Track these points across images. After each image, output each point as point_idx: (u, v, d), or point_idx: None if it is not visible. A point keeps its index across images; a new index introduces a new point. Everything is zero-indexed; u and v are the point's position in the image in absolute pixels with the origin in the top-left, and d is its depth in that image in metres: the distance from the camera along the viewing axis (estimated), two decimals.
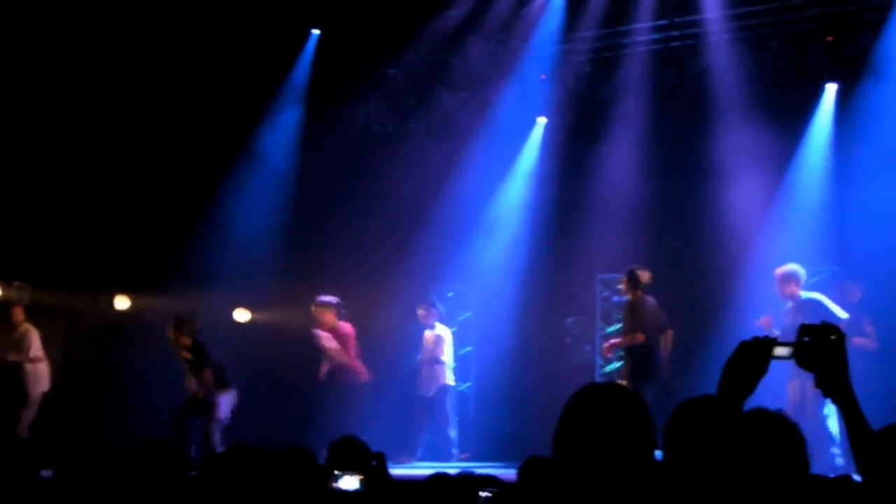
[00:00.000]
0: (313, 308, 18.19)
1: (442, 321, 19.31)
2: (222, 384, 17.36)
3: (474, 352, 20.78)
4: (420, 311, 19.25)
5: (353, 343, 18.15)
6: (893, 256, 16.50)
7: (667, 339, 16.55)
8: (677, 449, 4.62)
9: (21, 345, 18.15)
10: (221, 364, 17.43)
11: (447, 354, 19.16)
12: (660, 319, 16.60)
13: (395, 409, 19.06)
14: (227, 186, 19.96)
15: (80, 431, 17.39)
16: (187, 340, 17.32)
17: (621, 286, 16.94)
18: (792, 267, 15.46)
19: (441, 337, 19.15)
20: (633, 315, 16.53)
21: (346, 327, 18.14)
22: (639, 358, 16.48)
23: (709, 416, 4.61)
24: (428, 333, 19.20)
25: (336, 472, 7.12)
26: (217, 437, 17.14)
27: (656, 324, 16.55)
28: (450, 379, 19.15)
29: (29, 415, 17.94)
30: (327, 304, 18.15)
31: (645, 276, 16.61)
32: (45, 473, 7.22)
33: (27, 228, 18.75)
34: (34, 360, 18.08)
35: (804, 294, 15.31)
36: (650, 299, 16.65)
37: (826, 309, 14.88)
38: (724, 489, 4.21)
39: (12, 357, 18.10)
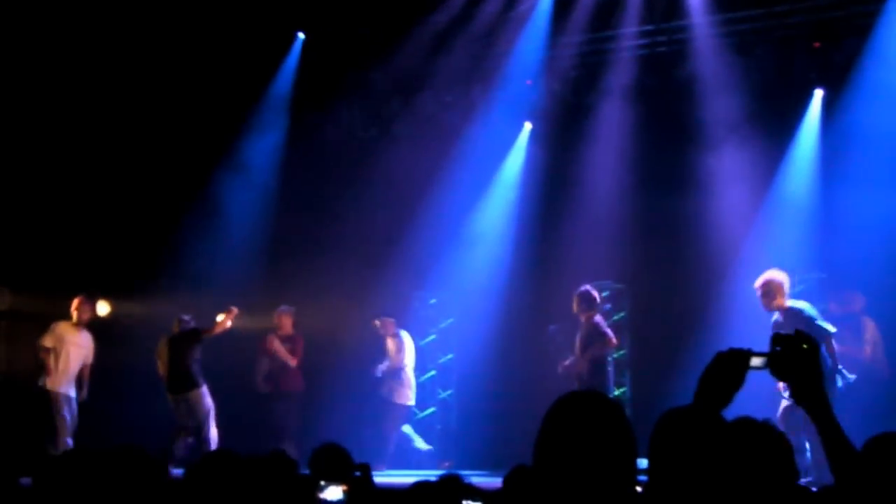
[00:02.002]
0: (276, 314, 18.57)
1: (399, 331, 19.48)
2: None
3: (456, 359, 20.73)
4: (376, 323, 19.36)
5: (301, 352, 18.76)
6: (879, 263, 16.51)
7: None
8: (663, 457, 4.59)
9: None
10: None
11: (409, 360, 19.35)
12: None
13: (373, 416, 19.16)
14: (210, 192, 19.92)
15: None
16: None
17: (576, 308, 16.90)
18: (771, 276, 15.11)
19: (403, 343, 19.28)
20: (592, 336, 16.56)
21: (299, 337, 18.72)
22: (596, 374, 16.58)
23: (695, 425, 4.58)
24: (390, 342, 19.28)
25: (321, 482, 7.09)
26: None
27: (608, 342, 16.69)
28: (410, 398, 19.28)
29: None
30: (288, 312, 18.52)
31: (597, 295, 16.70)
32: (25, 481, 7.18)
33: (8, 233, 18.68)
34: None
35: (791, 303, 15.09)
36: (600, 318, 16.74)
37: (812, 320, 14.67)
38: (711, 498, 4.18)
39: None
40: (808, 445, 13.37)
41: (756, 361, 4.57)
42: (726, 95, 18.05)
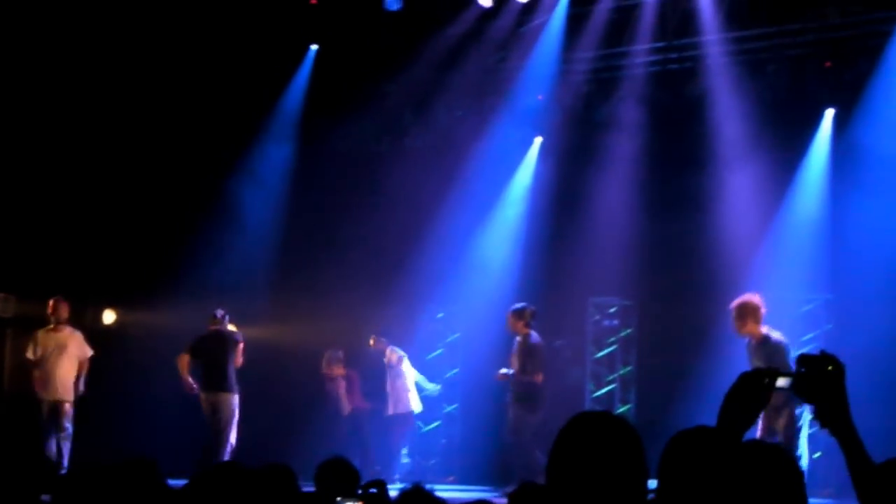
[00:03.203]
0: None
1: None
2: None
3: (461, 373, 20.67)
4: (371, 341, 19.35)
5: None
6: (886, 283, 16.46)
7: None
8: (673, 479, 4.54)
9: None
10: None
11: (408, 371, 19.37)
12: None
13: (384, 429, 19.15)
14: (222, 202, 19.89)
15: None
16: None
17: (511, 323, 16.85)
18: (748, 299, 14.41)
19: (401, 356, 19.31)
20: (531, 354, 16.56)
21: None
22: (533, 391, 16.56)
23: (705, 447, 4.54)
24: (389, 352, 19.27)
25: (338, 498, 7.03)
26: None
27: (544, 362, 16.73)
28: (414, 405, 19.26)
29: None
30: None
31: (531, 313, 16.75)
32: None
33: (15, 241, 18.66)
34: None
35: (766, 330, 14.09)
36: (536, 334, 16.72)
37: (781, 353, 14.20)
38: None
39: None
40: None
41: (782, 382, 4.52)
42: (737, 113, 18.02)
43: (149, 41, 18.65)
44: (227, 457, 16.97)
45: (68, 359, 17.45)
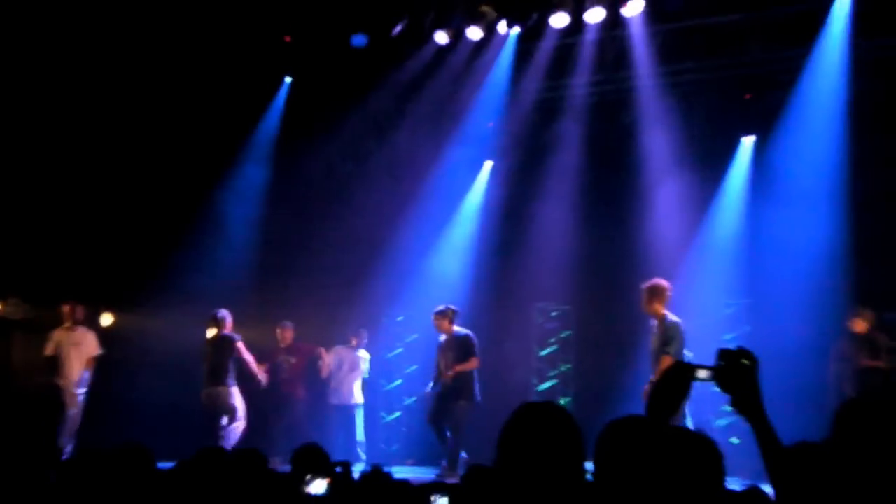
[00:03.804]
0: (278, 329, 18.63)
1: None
2: None
3: (419, 370, 20.65)
4: (353, 341, 19.40)
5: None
6: (799, 289, 16.55)
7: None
8: (607, 462, 4.57)
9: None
10: None
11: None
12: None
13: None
14: (207, 215, 19.86)
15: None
16: None
17: (437, 323, 16.85)
18: (658, 281, 14.72)
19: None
20: (469, 344, 16.58)
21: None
22: (470, 380, 16.55)
23: (635, 433, 4.57)
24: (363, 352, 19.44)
25: (307, 476, 7.07)
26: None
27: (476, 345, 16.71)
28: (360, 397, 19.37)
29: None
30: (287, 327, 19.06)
31: (454, 311, 16.83)
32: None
33: (23, 248, 18.59)
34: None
35: (667, 313, 14.49)
36: (460, 329, 16.79)
37: (671, 337, 14.14)
38: (648, 498, 4.16)
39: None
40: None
41: (702, 374, 4.58)
42: (666, 138, 18.11)
43: (149, 76, 18.63)
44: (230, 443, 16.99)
45: (79, 355, 17.53)
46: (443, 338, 16.81)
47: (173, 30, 18.03)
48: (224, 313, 17.65)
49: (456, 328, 16.69)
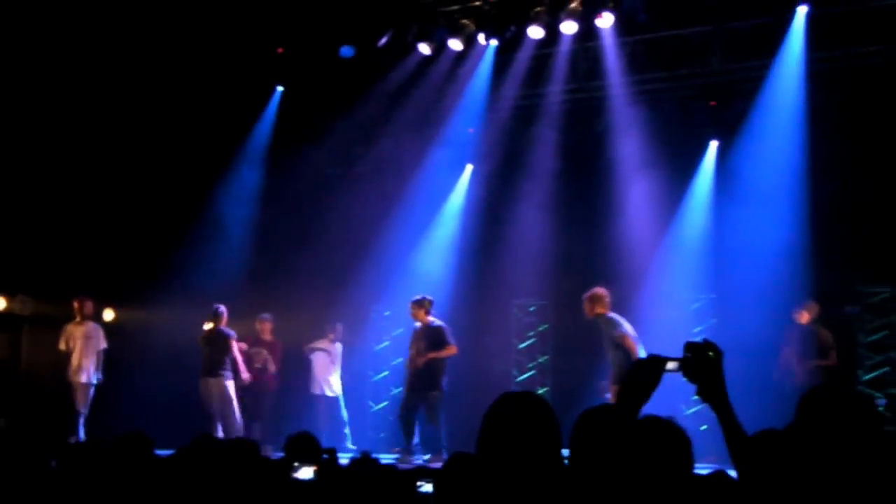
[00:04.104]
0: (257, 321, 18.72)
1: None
2: None
3: (405, 362, 20.68)
4: (331, 335, 19.42)
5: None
6: (761, 286, 16.61)
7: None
8: (582, 448, 4.62)
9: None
10: None
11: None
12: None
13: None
14: (205, 216, 19.86)
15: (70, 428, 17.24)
16: None
17: (413, 312, 16.95)
18: (597, 289, 15.46)
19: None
20: (442, 333, 16.60)
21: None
22: (440, 371, 16.57)
23: (608, 421, 4.61)
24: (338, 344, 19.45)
25: (295, 463, 7.10)
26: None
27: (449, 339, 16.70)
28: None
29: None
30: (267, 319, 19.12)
31: (430, 301, 16.86)
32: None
33: (31, 247, 18.57)
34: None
35: (608, 313, 15.28)
36: (435, 319, 16.87)
37: (615, 328, 15.01)
38: (621, 482, 4.20)
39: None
40: None
41: (671, 365, 4.63)
42: (636, 143, 18.15)
43: (152, 85, 18.65)
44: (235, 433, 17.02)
45: (88, 348, 17.56)
46: (417, 325, 16.80)
47: (175, 42, 18.03)
48: (222, 309, 17.72)
49: (431, 318, 16.68)
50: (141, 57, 18.17)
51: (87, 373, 17.64)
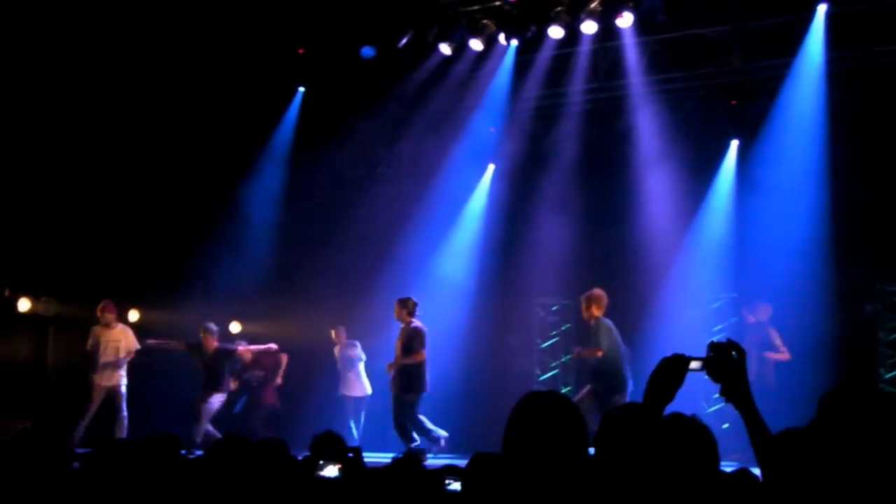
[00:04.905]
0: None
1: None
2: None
3: (428, 361, 20.59)
4: (333, 333, 19.41)
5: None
6: (782, 284, 16.61)
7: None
8: (608, 447, 4.64)
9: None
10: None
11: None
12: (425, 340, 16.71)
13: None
14: (227, 220, 19.91)
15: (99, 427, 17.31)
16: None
17: (396, 311, 16.83)
18: (595, 291, 15.29)
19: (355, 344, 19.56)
20: (414, 337, 16.51)
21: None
22: (418, 372, 16.51)
23: (634, 420, 4.63)
24: (348, 344, 19.48)
25: (320, 461, 7.14)
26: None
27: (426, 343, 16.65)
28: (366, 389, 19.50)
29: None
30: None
31: (414, 303, 16.75)
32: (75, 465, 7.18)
33: (56, 250, 18.64)
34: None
35: (602, 317, 15.16)
36: (418, 322, 16.72)
37: (602, 333, 14.94)
38: (648, 480, 4.21)
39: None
40: None
41: (694, 365, 4.66)
42: (657, 143, 18.15)
43: (175, 89, 18.70)
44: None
45: (115, 351, 17.63)
46: (402, 326, 16.76)
47: (198, 45, 18.07)
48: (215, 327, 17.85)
49: (412, 320, 16.62)
50: (165, 60, 18.21)
51: (118, 375, 17.71)
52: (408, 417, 16.29)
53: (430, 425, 16.57)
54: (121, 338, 17.77)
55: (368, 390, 19.27)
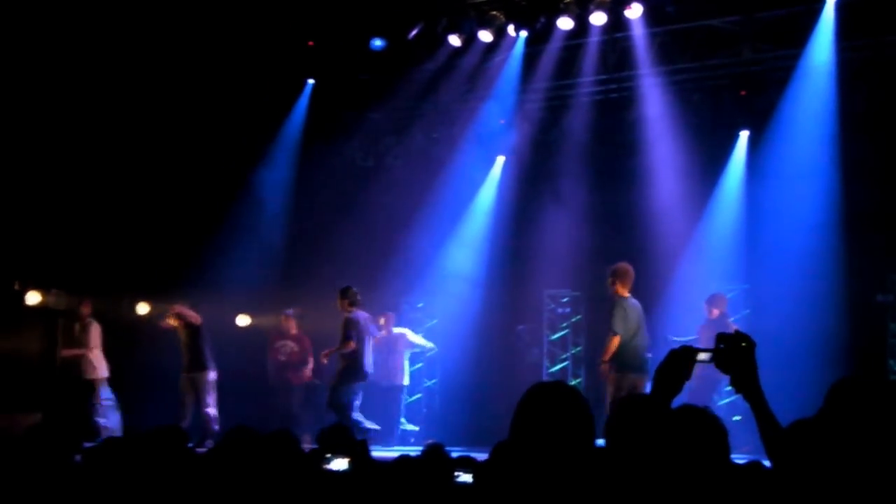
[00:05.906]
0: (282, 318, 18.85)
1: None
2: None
3: (439, 353, 20.64)
4: (382, 320, 19.31)
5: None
6: (793, 275, 16.60)
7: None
8: (617, 438, 4.63)
9: (81, 338, 18.10)
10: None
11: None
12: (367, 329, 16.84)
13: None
14: (236, 212, 19.90)
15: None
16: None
17: (337, 302, 16.92)
18: (623, 264, 15.30)
19: (403, 333, 19.60)
20: (346, 326, 16.64)
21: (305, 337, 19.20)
22: (349, 362, 16.59)
23: (642, 411, 4.62)
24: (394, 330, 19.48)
25: (327, 454, 7.14)
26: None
27: (365, 333, 16.76)
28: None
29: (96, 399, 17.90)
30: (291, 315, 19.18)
31: (354, 293, 16.79)
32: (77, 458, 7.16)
33: (66, 244, 18.64)
34: (91, 350, 18.02)
35: (626, 295, 15.10)
36: (362, 313, 16.81)
37: (614, 315, 14.85)
38: (658, 472, 4.20)
39: (73, 351, 18.14)
40: None
41: (703, 356, 4.64)
42: (667, 135, 18.12)
43: (185, 82, 18.70)
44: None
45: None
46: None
47: (208, 38, 18.05)
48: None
49: (353, 309, 16.68)
50: (178, 53, 18.20)
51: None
52: (339, 404, 16.34)
53: (360, 417, 16.65)
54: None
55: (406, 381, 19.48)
